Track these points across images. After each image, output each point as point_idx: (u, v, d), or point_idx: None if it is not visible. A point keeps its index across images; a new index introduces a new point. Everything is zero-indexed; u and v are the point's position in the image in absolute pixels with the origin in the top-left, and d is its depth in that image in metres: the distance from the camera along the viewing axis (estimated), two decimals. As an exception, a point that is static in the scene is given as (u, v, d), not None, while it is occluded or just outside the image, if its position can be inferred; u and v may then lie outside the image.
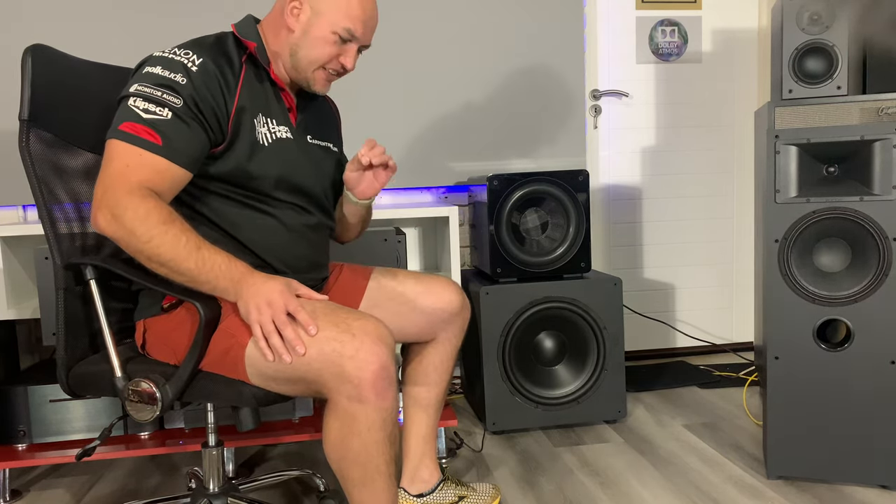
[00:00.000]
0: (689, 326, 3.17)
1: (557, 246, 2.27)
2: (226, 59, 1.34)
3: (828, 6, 1.82)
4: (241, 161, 1.33)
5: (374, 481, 1.22)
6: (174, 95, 1.24)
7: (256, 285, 1.21)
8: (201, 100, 1.27)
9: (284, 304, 1.19)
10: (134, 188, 1.19)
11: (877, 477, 1.75)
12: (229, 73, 1.32)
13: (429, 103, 2.71)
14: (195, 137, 1.26)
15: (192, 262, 1.19)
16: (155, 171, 1.22)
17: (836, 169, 1.75)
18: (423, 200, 2.78)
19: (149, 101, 1.24)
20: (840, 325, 1.79)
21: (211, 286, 1.22)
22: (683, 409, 2.45)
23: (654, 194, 3.08)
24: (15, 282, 2.04)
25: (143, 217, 1.18)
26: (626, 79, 3.01)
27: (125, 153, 1.21)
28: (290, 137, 1.42)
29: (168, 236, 1.18)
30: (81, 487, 1.97)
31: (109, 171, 1.21)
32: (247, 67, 1.37)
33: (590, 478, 1.92)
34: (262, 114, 1.37)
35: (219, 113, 1.29)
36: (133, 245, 1.19)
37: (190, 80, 1.26)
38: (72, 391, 1.36)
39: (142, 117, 1.22)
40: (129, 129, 1.22)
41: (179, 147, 1.24)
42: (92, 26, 2.46)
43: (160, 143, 1.22)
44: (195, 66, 1.27)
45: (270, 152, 1.37)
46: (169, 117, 1.23)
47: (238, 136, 1.32)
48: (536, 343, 2.29)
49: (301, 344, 1.17)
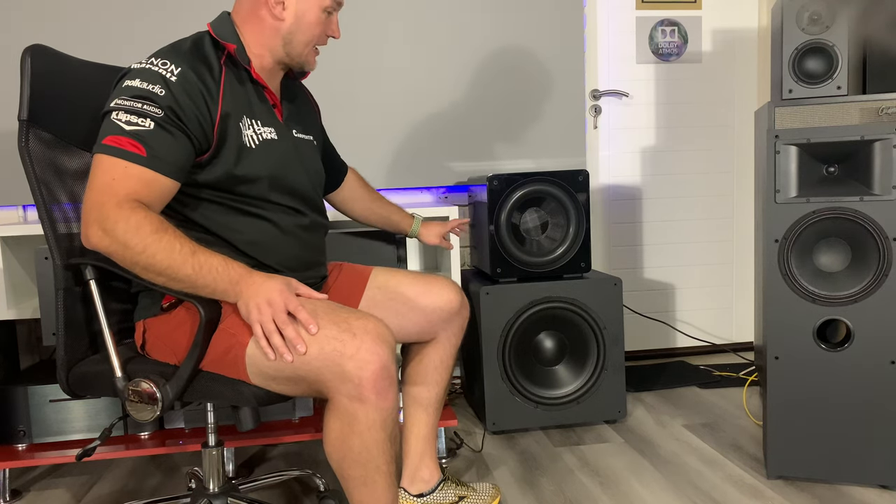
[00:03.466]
0: (689, 326, 3.17)
1: (557, 246, 2.27)
2: (205, 64, 1.31)
3: (828, 6, 1.82)
4: (229, 166, 1.32)
5: (375, 481, 1.22)
6: (154, 106, 1.23)
7: (256, 285, 1.21)
8: (182, 109, 1.25)
9: (285, 303, 1.19)
10: (122, 201, 1.18)
11: (877, 477, 1.75)
12: (209, 78, 1.30)
13: (429, 103, 2.71)
14: (179, 146, 1.25)
15: (189, 268, 1.19)
16: (142, 183, 1.21)
17: (836, 169, 1.75)
18: (423, 200, 2.78)
19: (130, 112, 1.22)
20: (840, 325, 1.79)
21: (210, 290, 1.21)
22: (683, 409, 2.45)
23: (654, 194, 3.08)
24: (15, 282, 2.04)
25: (135, 228, 1.16)
26: (626, 79, 3.01)
27: (110, 167, 1.20)
28: (275, 138, 1.41)
29: (162, 244, 1.17)
30: (81, 487, 1.97)
31: (96, 186, 1.20)
32: (227, 69, 1.35)
33: (590, 478, 1.92)
34: (246, 116, 1.36)
35: (202, 121, 1.27)
36: (128, 258, 1.18)
37: (169, 91, 1.24)
38: (72, 391, 1.35)
39: (125, 129, 1.21)
40: (113, 143, 1.21)
41: (164, 157, 1.23)
42: (92, 26, 2.46)
43: (144, 155, 1.21)
44: (173, 77, 1.25)
45: (258, 154, 1.36)
46: (151, 128, 1.22)
47: (225, 141, 1.31)
48: (536, 343, 2.29)
49: (302, 342, 1.17)
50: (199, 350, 1.24)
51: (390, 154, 2.69)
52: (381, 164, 2.67)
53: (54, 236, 1.31)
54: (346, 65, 2.63)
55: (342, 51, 2.62)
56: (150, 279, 1.20)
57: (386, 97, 2.67)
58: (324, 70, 2.58)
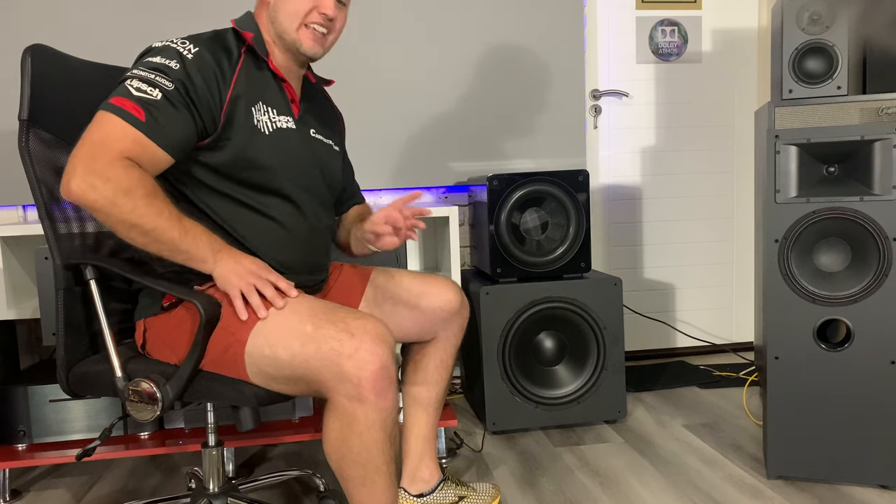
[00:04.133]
0: (689, 326, 3.17)
1: (557, 246, 2.27)
2: (224, 50, 1.34)
3: (828, 6, 1.82)
4: (239, 149, 1.32)
5: (375, 481, 1.22)
6: (166, 79, 1.25)
7: (235, 257, 1.27)
8: (194, 85, 1.27)
9: (264, 275, 1.25)
10: (115, 158, 1.19)
11: (877, 477, 1.75)
12: (225, 62, 1.32)
13: (429, 103, 2.70)
14: (181, 123, 1.26)
15: (175, 232, 1.21)
16: (137, 146, 1.22)
17: (836, 169, 1.75)
18: (423, 200, 2.78)
19: (142, 81, 1.25)
20: (840, 325, 1.79)
21: (189, 255, 1.24)
22: (683, 409, 2.45)
23: (654, 194, 3.08)
24: (15, 282, 2.04)
25: (127, 188, 1.17)
26: (626, 79, 3.01)
27: (109, 123, 1.21)
28: (292, 128, 1.41)
29: (152, 208, 1.19)
30: (81, 487, 1.97)
31: (90, 139, 1.20)
32: (245, 57, 1.37)
33: (590, 478, 1.92)
34: (261, 102, 1.37)
35: (211, 101, 1.29)
36: (114, 214, 1.18)
37: (183, 66, 1.27)
38: (72, 391, 1.35)
39: (132, 94, 1.23)
40: (118, 103, 1.22)
41: (164, 128, 1.24)
42: (92, 26, 2.46)
43: (143, 120, 1.22)
44: (190, 54, 1.28)
45: (271, 141, 1.36)
46: (158, 98, 1.24)
47: (232, 123, 1.31)
48: (536, 343, 2.29)
49: (281, 299, 1.23)
50: (199, 350, 1.24)
51: (390, 154, 2.69)
52: (382, 164, 2.68)
53: (54, 236, 1.31)
54: (345, 65, 2.63)
55: (341, 51, 2.62)
56: (131, 239, 1.21)
57: (386, 97, 2.67)
58: (324, 71, 2.58)
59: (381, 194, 2.74)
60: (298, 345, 1.18)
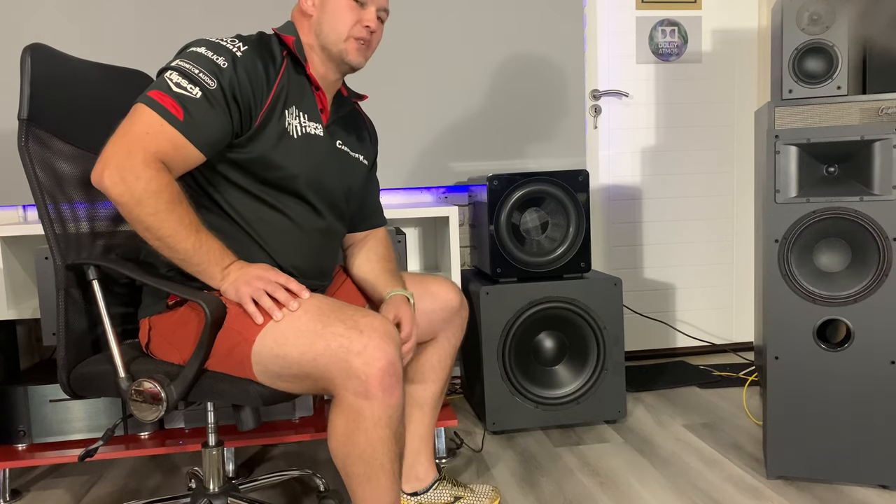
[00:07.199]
0: (689, 326, 3.17)
1: (557, 246, 2.27)
2: (269, 53, 1.36)
3: (828, 6, 1.82)
4: (266, 149, 1.33)
5: (378, 478, 1.22)
6: (210, 77, 1.25)
7: (245, 268, 1.27)
8: (239, 87, 1.27)
9: (273, 278, 1.25)
10: (150, 158, 1.20)
11: (877, 477, 1.75)
12: (271, 65, 1.34)
13: (429, 103, 2.71)
14: (218, 123, 1.26)
15: (189, 243, 1.22)
16: (172, 145, 1.23)
17: (836, 169, 1.75)
18: (423, 200, 2.78)
19: (184, 76, 1.25)
20: (840, 325, 1.79)
21: (201, 269, 1.25)
22: (683, 409, 2.45)
23: (654, 194, 3.08)
24: (15, 282, 2.04)
25: (155, 191, 1.19)
26: (626, 79, 3.01)
27: (149, 120, 1.22)
28: (319, 135, 1.42)
29: (174, 214, 1.20)
30: (81, 487, 1.97)
31: (129, 132, 1.21)
32: (287, 62, 1.38)
33: (590, 478, 1.92)
34: (295, 106, 1.38)
35: (252, 102, 1.30)
36: (135, 213, 1.20)
37: (233, 65, 1.27)
38: (73, 392, 1.35)
39: (172, 90, 1.23)
40: (157, 98, 1.23)
41: (200, 128, 1.24)
42: (92, 26, 2.46)
43: (181, 119, 1.22)
44: (240, 53, 1.29)
45: (298, 145, 1.37)
46: (198, 96, 1.24)
47: (267, 125, 1.33)
48: (536, 343, 2.29)
49: (294, 301, 1.22)
50: (204, 350, 1.24)
51: (390, 154, 2.68)
52: (382, 164, 2.67)
53: (54, 236, 1.31)
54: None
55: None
56: (147, 238, 1.23)
57: (385, 98, 2.67)
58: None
59: (382, 194, 2.74)
60: (307, 342, 1.19)
